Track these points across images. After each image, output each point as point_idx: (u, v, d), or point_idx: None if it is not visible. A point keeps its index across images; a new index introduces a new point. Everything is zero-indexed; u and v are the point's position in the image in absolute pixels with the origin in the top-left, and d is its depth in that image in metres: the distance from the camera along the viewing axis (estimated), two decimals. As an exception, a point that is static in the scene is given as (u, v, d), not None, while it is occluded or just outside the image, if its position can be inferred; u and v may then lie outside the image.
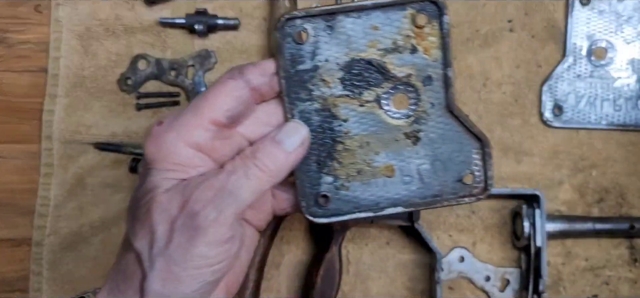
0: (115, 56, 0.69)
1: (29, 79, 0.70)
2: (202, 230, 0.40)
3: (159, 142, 0.42)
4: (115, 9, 0.70)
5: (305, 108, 0.45)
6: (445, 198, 0.47)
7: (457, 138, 0.46)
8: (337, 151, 0.46)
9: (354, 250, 0.69)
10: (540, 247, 0.63)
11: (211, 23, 0.68)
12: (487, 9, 0.70)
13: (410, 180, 0.46)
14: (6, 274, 0.70)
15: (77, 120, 0.69)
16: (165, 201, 0.41)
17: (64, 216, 0.69)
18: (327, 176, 0.46)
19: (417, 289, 0.68)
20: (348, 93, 0.45)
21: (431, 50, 0.44)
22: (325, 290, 0.64)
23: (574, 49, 0.69)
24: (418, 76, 0.45)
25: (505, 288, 0.68)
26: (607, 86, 0.69)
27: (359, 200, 0.47)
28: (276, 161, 0.42)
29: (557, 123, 0.69)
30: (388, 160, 0.46)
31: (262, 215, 0.48)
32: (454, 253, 0.68)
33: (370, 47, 0.44)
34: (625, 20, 0.69)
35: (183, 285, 0.40)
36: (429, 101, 0.45)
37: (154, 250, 0.41)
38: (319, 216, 0.47)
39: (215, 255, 0.41)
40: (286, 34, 0.43)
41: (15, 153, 0.70)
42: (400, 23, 0.43)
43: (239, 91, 0.42)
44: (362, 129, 0.45)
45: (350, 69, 0.44)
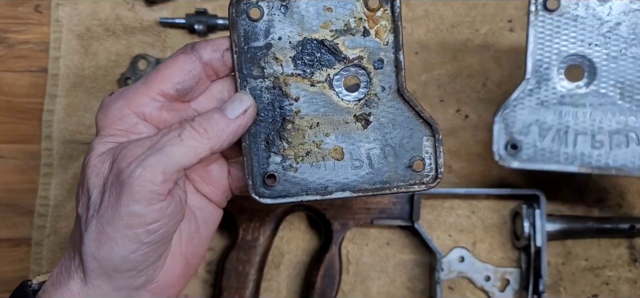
0: (115, 56, 0.70)
1: (29, 79, 0.70)
2: (127, 186, 0.39)
3: (107, 109, 0.43)
4: (115, 9, 0.70)
5: (256, 85, 0.45)
6: (394, 185, 0.46)
7: (407, 123, 0.46)
8: (287, 130, 0.46)
9: (354, 250, 0.69)
10: (540, 247, 0.63)
11: (211, 23, 0.68)
12: (487, 9, 0.70)
13: (359, 165, 0.46)
14: (6, 274, 0.70)
15: (77, 120, 0.69)
16: (98, 164, 0.41)
17: (64, 216, 0.69)
18: (276, 156, 0.46)
19: (417, 289, 0.68)
20: (300, 72, 0.45)
21: (383, 34, 0.44)
22: (325, 290, 0.64)
23: (538, 68, 0.53)
24: (369, 58, 0.45)
25: (505, 288, 0.68)
26: (583, 117, 0.53)
27: (307, 182, 0.46)
28: (216, 125, 0.42)
29: (513, 163, 0.54)
30: (337, 143, 0.46)
31: (220, 191, 0.48)
32: (454, 253, 0.68)
33: (323, 28, 0.44)
34: (611, 27, 0.52)
35: (118, 246, 0.40)
36: (380, 85, 0.45)
37: (89, 213, 0.41)
38: (266, 197, 0.46)
39: (146, 213, 0.40)
40: (241, 11, 0.44)
41: (15, 153, 0.70)
42: (353, 6, 0.44)
43: (190, 64, 0.43)
44: (312, 109, 0.45)
45: (303, 48, 0.45)
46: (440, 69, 0.70)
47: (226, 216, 0.66)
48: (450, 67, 0.70)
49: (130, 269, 0.41)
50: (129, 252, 0.40)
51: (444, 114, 0.69)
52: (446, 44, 0.70)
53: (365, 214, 0.65)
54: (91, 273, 0.41)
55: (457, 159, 0.69)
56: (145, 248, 0.41)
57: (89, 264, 0.40)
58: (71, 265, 0.42)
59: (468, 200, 0.69)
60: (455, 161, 0.69)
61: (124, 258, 0.40)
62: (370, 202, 0.65)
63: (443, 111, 0.69)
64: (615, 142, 0.53)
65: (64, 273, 0.42)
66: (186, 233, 0.46)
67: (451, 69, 0.70)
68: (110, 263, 0.40)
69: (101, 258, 0.40)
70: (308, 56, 0.45)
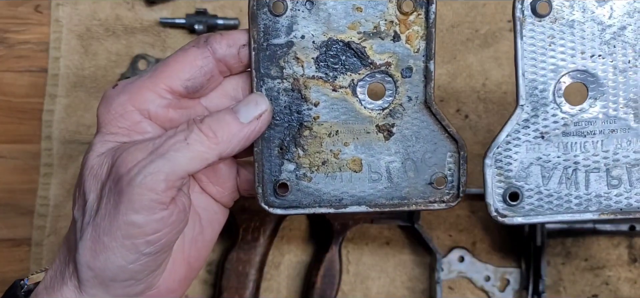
0: (116, 56, 0.69)
1: (29, 79, 0.70)
2: (127, 195, 0.36)
3: (109, 104, 0.40)
4: (115, 9, 0.70)
5: (274, 86, 0.42)
6: (413, 202, 0.43)
7: (432, 138, 0.43)
8: (303, 136, 0.42)
9: (354, 250, 0.69)
10: (540, 247, 0.63)
11: (211, 23, 0.68)
12: (487, 9, 0.70)
13: (378, 178, 0.43)
14: (6, 274, 0.70)
15: (77, 120, 0.69)
16: (96, 166, 0.39)
17: (64, 216, 0.69)
18: (289, 164, 0.43)
19: (417, 289, 0.68)
20: (322, 75, 0.42)
21: (414, 40, 0.41)
22: (325, 290, 0.64)
23: (532, 91, 0.42)
24: (398, 65, 0.42)
25: (505, 288, 0.68)
26: (593, 148, 0.42)
27: (321, 193, 0.43)
28: (227, 129, 0.38)
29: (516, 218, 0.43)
30: (357, 153, 0.43)
31: (226, 192, 0.44)
32: (454, 253, 0.68)
33: (350, 29, 0.41)
34: (615, 33, 0.41)
35: (115, 255, 0.37)
36: (406, 94, 0.42)
37: (85, 218, 0.38)
38: (276, 206, 0.43)
39: (146, 224, 0.36)
40: (262, 4, 0.41)
41: (15, 153, 0.70)
42: (385, 7, 0.41)
43: (202, 60, 0.40)
44: (332, 116, 0.42)
45: (327, 49, 0.41)
46: (440, 69, 0.70)
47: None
48: (450, 67, 0.70)
49: (128, 279, 0.38)
50: (126, 263, 0.37)
51: (444, 114, 0.69)
52: (446, 44, 0.70)
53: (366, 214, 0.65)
54: (86, 283, 0.38)
55: (457, 159, 0.69)
56: (145, 258, 0.38)
57: (83, 274, 0.38)
58: (65, 270, 0.39)
59: (468, 200, 0.69)
60: (455, 161, 0.69)
61: (122, 269, 0.37)
62: (370, 202, 0.65)
63: (443, 111, 0.69)
64: (636, 176, 0.43)
65: (57, 278, 0.40)
66: (189, 236, 0.43)
67: (451, 69, 0.70)
68: (106, 273, 0.37)
69: (97, 268, 0.37)
70: (332, 58, 0.42)
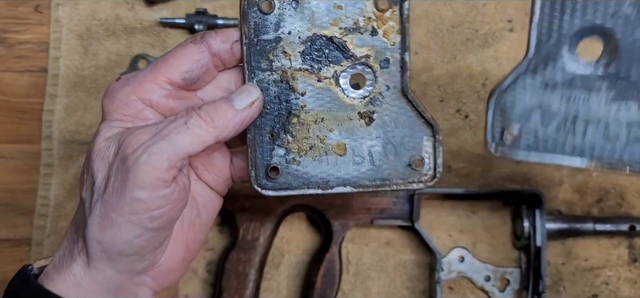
0: (116, 56, 0.70)
1: (29, 79, 0.70)
2: (133, 172, 0.39)
3: (114, 94, 0.43)
4: (115, 9, 0.70)
5: (264, 77, 0.45)
6: (394, 182, 0.47)
7: (409, 123, 0.46)
8: (292, 123, 0.46)
9: (354, 250, 0.69)
10: (540, 247, 0.63)
11: (211, 23, 0.68)
12: (487, 9, 0.70)
13: (361, 161, 0.47)
14: (6, 274, 0.70)
15: (77, 120, 0.69)
16: (103, 148, 0.42)
17: (64, 216, 0.69)
18: (280, 149, 0.46)
19: (417, 289, 0.68)
20: (307, 67, 0.46)
21: (390, 34, 0.45)
22: (325, 290, 0.64)
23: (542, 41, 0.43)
24: (376, 57, 0.45)
25: (505, 288, 0.68)
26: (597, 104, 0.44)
27: (309, 176, 0.47)
28: (223, 115, 0.42)
29: (510, 153, 0.47)
30: (341, 138, 0.46)
31: (221, 179, 0.48)
32: (454, 253, 0.68)
33: (332, 25, 0.45)
34: None
35: (121, 230, 0.40)
36: (384, 84, 0.46)
37: (94, 197, 0.41)
38: (268, 188, 0.47)
39: (150, 200, 0.40)
40: (252, 3, 0.44)
41: (15, 153, 0.70)
42: (363, 5, 0.45)
43: (199, 54, 0.43)
44: (317, 104, 0.46)
45: (312, 44, 0.45)
46: (440, 69, 0.70)
47: (227, 216, 0.66)
48: (450, 67, 0.70)
49: (133, 254, 0.41)
50: (132, 237, 0.40)
51: (444, 114, 0.69)
52: (446, 44, 0.70)
53: (366, 214, 0.65)
54: (94, 257, 0.41)
55: (457, 159, 0.69)
56: (149, 233, 0.41)
57: (92, 248, 0.40)
58: (74, 248, 0.42)
59: (468, 200, 0.69)
60: (455, 161, 0.69)
61: (128, 243, 0.40)
62: (370, 202, 0.65)
63: (443, 111, 0.69)
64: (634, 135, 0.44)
65: (66, 256, 0.42)
66: (187, 219, 0.46)
67: (451, 69, 0.70)
68: (113, 248, 0.40)
69: (105, 242, 0.40)
70: (316, 52, 0.45)
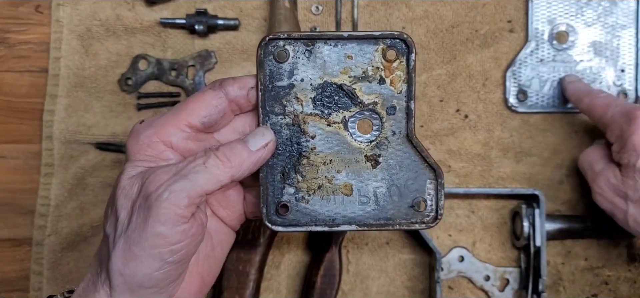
0: (116, 56, 0.70)
1: (29, 80, 0.70)
2: (154, 209, 0.41)
3: (137, 137, 0.46)
4: (115, 9, 0.70)
5: (277, 121, 0.48)
6: (397, 222, 0.49)
7: (413, 167, 0.49)
8: (302, 164, 0.49)
9: (354, 249, 0.69)
10: (539, 247, 0.64)
11: (211, 23, 0.68)
12: (487, 9, 0.70)
13: (366, 201, 0.49)
14: (7, 274, 0.70)
15: (77, 120, 0.69)
16: (127, 186, 0.44)
17: (65, 216, 0.69)
18: (290, 188, 0.49)
19: (417, 289, 0.69)
20: (318, 112, 0.48)
21: (397, 83, 0.48)
22: (325, 290, 0.64)
23: (536, 34, 0.69)
24: (383, 104, 0.48)
25: (505, 288, 0.68)
26: (570, 70, 0.69)
27: (317, 213, 0.49)
28: (238, 155, 0.45)
29: (521, 108, 0.69)
30: (348, 180, 0.49)
31: (235, 215, 0.51)
32: (454, 252, 0.68)
33: (342, 74, 0.48)
34: (585, 3, 0.69)
35: (143, 264, 0.42)
36: (391, 129, 0.48)
37: (117, 232, 0.43)
38: (278, 224, 0.49)
39: (170, 235, 0.42)
40: (268, 52, 0.47)
41: (15, 153, 0.70)
42: (372, 56, 0.47)
43: (217, 100, 0.46)
44: (327, 147, 0.48)
45: (323, 91, 0.48)
46: (440, 69, 0.70)
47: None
48: (450, 67, 0.70)
49: (153, 286, 0.43)
50: (152, 270, 0.42)
51: (443, 114, 0.70)
52: (446, 44, 0.70)
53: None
54: (117, 288, 0.43)
55: (457, 159, 0.69)
56: (168, 266, 0.43)
57: (115, 280, 0.43)
58: (97, 280, 0.44)
59: (468, 199, 0.69)
60: (455, 161, 0.69)
61: (148, 276, 0.42)
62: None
63: (443, 111, 0.70)
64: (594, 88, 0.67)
65: (90, 287, 0.45)
66: (203, 253, 0.48)
67: (451, 69, 0.70)
68: (135, 280, 0.42)
69: (127, 274, 0.42)
70: (327, 98, 0.48)
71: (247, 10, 0.70)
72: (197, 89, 0.69)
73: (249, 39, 0.70)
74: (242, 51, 0.70)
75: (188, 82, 0.69)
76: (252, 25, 0.70)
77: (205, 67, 0.69)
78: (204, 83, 0.69)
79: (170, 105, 0.69)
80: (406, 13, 0.70)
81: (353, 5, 0.69)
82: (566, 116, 0.69)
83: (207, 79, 0.69)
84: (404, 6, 0.70)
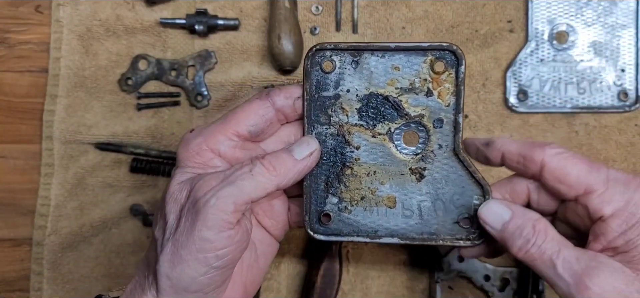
0: (116, 56, 0.70)
1: (29, 80, 0.70)
2: (202, 214, 0.43)
3: (188, 145, 0.47)
4: (115, 9, 0.70)
5: (322, 131, 0.48)
6: (441, 238, 0.48)
7: (459, 182, 0.48)
8: (345, 175, 0.49)
9: (354, 249, 0.69)
10: (539, 247, 0.63)
11: (211, 23, 0.68)
12: (487, 9, 0.70)
13: (410, 214, 0.49)
14: (7, 274, 0.70)
15: (77, 120, 0.69)
16: (176, 191, 0.45)
17: (65, 216, 0.69)
18: (333, 197, 0.49)
19: (417, 288, 0.69)
20: (363, 123, 0.48)
21: (445, 95, 0.47)
22: (325, 290, 0.64)
23: (536, 34, 0.69)
24: (430, 117, 0.47)
25: (505, 288, 0.68)
26: (570, 69, 0.69)
27: (359, 224, 0.49)
28: (283, 163, 0.46)
29: (522, 108, 0.69)
30: (391, 192, 0.49)
31: (279, 224, 0.52)
32: (454, 252, 0.68)
33: (389, 85, 0.47)
34: (585, 3, 0.69)
35: (189, 267, 0.43)
36: (437, 142, 0.48)
37: (165, 235, 0.45)
38: (320, 233, 0.49)
39: (217, 240, 0.43)
40: (315, 63, 0.48)
41: (15, 153, 0.70)
42: (420, 67, 0.47)
43: (264, 109, 0.47)
44: (371, 158, 0.48)
45: (368, 102, 0.48)
46: (440, 69, 0.70)
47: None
48: (450, 68, 0.70)
49: (198, 290, 0.44)
50: (198, 274, 0.43)
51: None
52: (446, 44, 0.70)
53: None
54: (163, 291, 0.44)
55: (457, 159, 0.69)
56: (213, 271, 0.44)
57: (162, 282, 0.44)
58: (145, 282, 0.46)
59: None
60: (455, 161, 0.69)
61: (194, 280, 0.43)
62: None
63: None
64: (594, 88, 0.68)
65: (137, 289, 0.46)
66: (247, 262, 0.49)
67: (451, 69, 0.70)
68: (181, 283, 0.43)
69: (174, 277, 0.43)
70: (372, 109, 0.48)
71: (247, 10, 0.70)
72: (197, 89, 0.69)
73: (249, 39, 0.70)
74: (242, 51, 0.70)
75: (188, 82, 0.69)
76: (252, 25, 0.70)
77: (205, 67, 0.69)
78: (204, 83, 0.69)
79: (170, 105, 0.69)
80: (406, 13, 0.70)
81: (353, 5, 0.69)
82: (566, 116, 0.69)
83: (207, 79, 0.69)
84: (404, 6, 0.70)
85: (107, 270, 0.69)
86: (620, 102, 0.68)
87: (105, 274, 0.69)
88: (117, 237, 0.69)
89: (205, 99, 0.69)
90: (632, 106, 0.68)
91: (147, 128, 0.69)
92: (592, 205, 0.43)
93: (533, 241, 0.43)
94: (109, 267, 0.69)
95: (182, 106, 0.70)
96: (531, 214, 0.44)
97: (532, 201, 0.47)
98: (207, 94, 0.69)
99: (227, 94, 0.69)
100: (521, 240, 0.43)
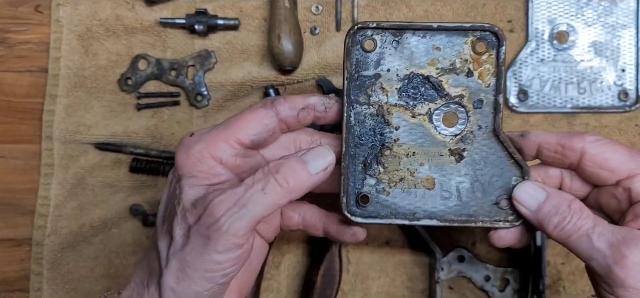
0: (116, 56, 0.70)
1: (29, 79, 0.70)
2: (215, 240, 0.42)
3: (188, 151, 0.46)
4: (115, 9, 0.70)
5: (361, 110, 0.48)
6: (480, 219, 0.48)
7: (498, 163, 0.48)
8: (384, 155, 0.48)
9: (354, 249, 0.69)
10: (540, 247, 0.63)
11: (211, 23, 0.68)
12: (487, 9, 0.70)
13: (448, 196, 0.48)
14: (7, 274, 0.70)
15: (77, 120, 0.69)
16: (189, 209, 0.45)
17: (65, 216, 0.69)
18: (371, 178, 0.48)
19: (417, 289, 0.69)
20: (403, 103, 0.48)
21: (486, 76, 0.47)
22: (325, 290, 0.64)
23: (536, 34, 0.69)
24: (470, 98, 0.47)
25: (505, 288, 0.68)
26: (570, 69, 0.68)
27: (397, 206, 0.48)
28: (297, 179, 0.44)
29: (522, 108, 0.69)
30: (430, 173, 0.48)
31: (272, 228, 0.52)
32: (454, 253, 0.68)
33: (430, 65, 0.47)
34: (585, 3, 0.69)
35: (196, 284, 0.43)
36: (477, 123, 0.48)
37: (170, 251, 0.44)
38: (357, 215, 0.48)
39: (226, 261, 0.43)
40: (356, 42, 0.47)
41: (15, 153, 0.70)
42: (461, 47, 0.47)
43: (268, 119, 0.47)
44: (410, 139, 0.48)
45: (409, 82, 0.48)
46: (440, 69, 0.70)
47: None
48: (450, 67, 0.70)
49: None
50: (203, 290, 0.44)
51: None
52: (446, 44, 0.70)
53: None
54: None
55: (457, 159, 0.69)
56: (217, 286, 0.44)
57: (166, 294, 0.44)
58: (144, 292, 0.46)
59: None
60: (455, 161, 0.69)
61: (198, 294, 0.44)
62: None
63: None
64: (594, 88, 0.68)
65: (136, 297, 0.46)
66: (242, 267, 0.48)
67: (451, 69, 0.70)
68: (184, 296, 0.44)
69: (178, 291, 0.44)
70: (413, 89, 0.48)
71: (247, 10, 0.70)
72: (197, 89, 0.69)
73: (249, 39, 0.70)
74: (242, 50, 0.70)
75: (188, 82, 0.69)
76: (252, 25, 0.70)
77: (205, 67, 0.69)
78: (204, 83, 0.69)
79: (170, 105, 0.69)
80: (406, 13, 0.70)
81: (353, 5, 0.69)
82: (566, 116, 0.69)
83: (207, 79, 0.69)
84: (404, 6, 0.70)
85: (107, 270, 0.69)
86: (621, 102, 0.68)
87: (105, 274, 0.69)
88: (117, 237, 0.69)
89: (205, 99, 0.69)
90: (632, 106, 0.68)
91: (146, 127, 0.69)
92: (636, 188, 0.45)
93: (569, 219, 0.44)
94: (108, 267, 0.69)
95: (182, 106, 0.70)
96: (566, 195, 0.46)
97: (565, 186, 0.49)
98: (207, 94, 0.69)
99: (227, 94, 0.69)
100: (557, 217, 0.45)
